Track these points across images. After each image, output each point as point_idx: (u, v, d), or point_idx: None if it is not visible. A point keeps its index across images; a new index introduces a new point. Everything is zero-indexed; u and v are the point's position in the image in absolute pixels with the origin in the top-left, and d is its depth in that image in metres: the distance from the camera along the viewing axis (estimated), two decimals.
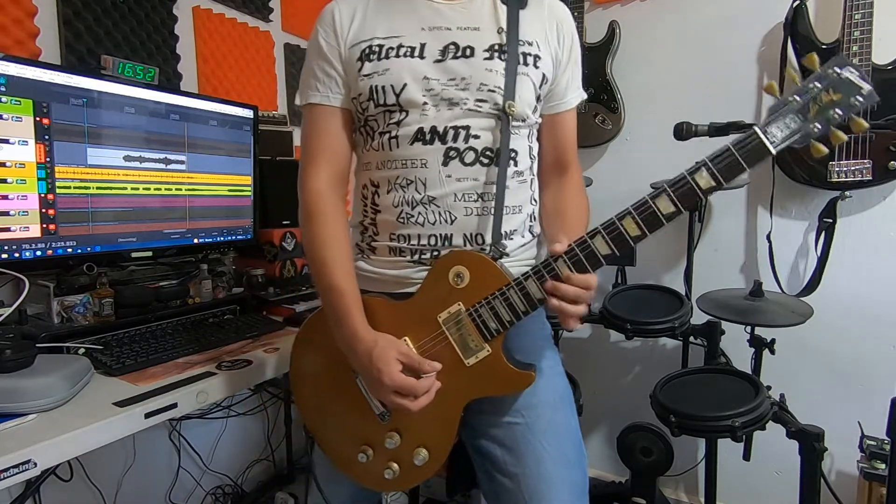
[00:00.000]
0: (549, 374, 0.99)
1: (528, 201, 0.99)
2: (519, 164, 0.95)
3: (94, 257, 1.32)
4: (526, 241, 0.99)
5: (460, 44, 0.91)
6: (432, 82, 0.89)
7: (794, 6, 1.64)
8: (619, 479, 1.98)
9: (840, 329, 1.73)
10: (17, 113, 1.14)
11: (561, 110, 1.01)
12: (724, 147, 0.76)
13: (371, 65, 0.91)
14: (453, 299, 0.88)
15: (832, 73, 0.73)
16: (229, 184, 1.64)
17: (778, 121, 0.75)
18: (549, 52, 0.97)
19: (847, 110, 0.73)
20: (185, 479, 1.79)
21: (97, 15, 1.50)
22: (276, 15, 2.11)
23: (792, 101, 0.75)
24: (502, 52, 0.91)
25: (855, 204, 1.67)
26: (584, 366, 2.06)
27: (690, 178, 0.77)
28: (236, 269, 1.72)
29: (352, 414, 0.97)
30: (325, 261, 0.91)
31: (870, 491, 1.49)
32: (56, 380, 0.94)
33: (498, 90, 0.90)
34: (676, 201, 0.78)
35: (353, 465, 0.98)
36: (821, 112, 0.74)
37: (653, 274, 1.99)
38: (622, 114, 1.93)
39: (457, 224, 0.92)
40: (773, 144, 0.75)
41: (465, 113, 0.90)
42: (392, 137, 0.92)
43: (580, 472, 0.96)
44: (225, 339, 1.31)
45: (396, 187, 0.93)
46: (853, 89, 0.72)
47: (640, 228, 0.80)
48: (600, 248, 0.82)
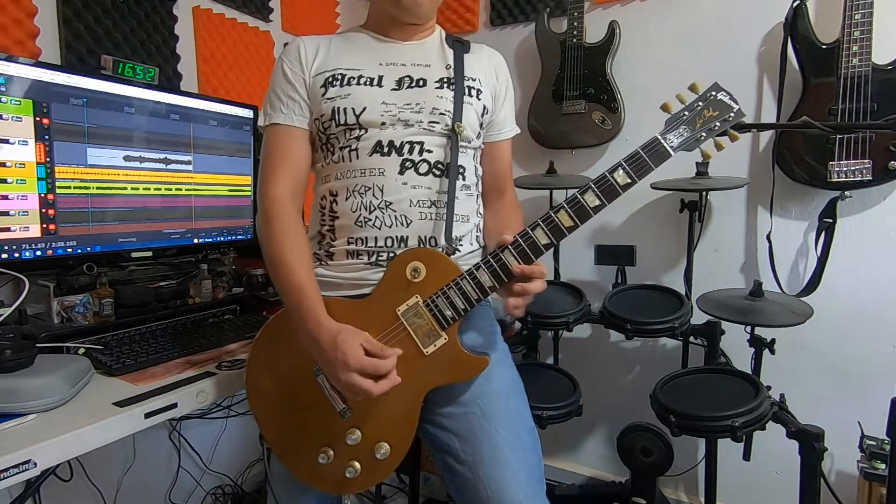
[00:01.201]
0: (499, 364, 1.04)
1: (475, 213, 1.10)
2: (467, 178, 1.06)
3: (94, 257, 1.32)
4: (473, 248, 1.08)
5: (414, 76, 1.04)
6: (390, 106, 1.00)
7: (794, 6, 1.64)
8: (619, 479, 1.98)
9: (840, 329, 1.73)
10: (17, 113, 1.15)
11: (499, 139, 1.15)
12: (634, 151, 0.93)
13: (334, 90, 1.01)
14: (411, 293, 0.95)
15: (710, 95, 0.95)
16: (229, 184, 1.64)
17: (674, 130, 0.94)
18: (490, 89, 1.10)
19: (724, 124, 0.94)
20: (185, 479, 1.79)
21: (97, 15, 1.50)
22: (276, 15, 2.11)
23: (682, 115, 0.95)
24: (451, 84, 1.04)
25: (855, 204, 1.67)
26: (584, 366, 2.05)
27: (610, 176, 0.92)
28: (236, 269, 1.72)
29: (312, 415, 0.99)
30: (287, 261, 0.96)
31: (870, 491, 1.49)
32: (56, 380, 0.94)
33: (448, 113, 1.02)
34: (600, 195, 0.92)
35: (312, 471, 1.00)
36: (705, 124, 0.94)
37: (653, 274, 1.99)
38: (622, 114, 1.93)
39: (412, 227, 1.00)
40: (671, 148, 0.93)
41: (420, 131, 1.01)
42: (352, 150, 1.01)
43: (535, 457, 1.00)
44: (225, 339, 1.31)
45: (355, 194, 1.00)
46: (727, 108, 0.94)
47: (572, 220, 0.92)
48: (540, 238, 0.93)
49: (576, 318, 1.70)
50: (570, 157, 2.06)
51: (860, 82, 1.52)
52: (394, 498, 2.01)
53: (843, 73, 1.54)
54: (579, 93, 1.96)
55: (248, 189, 1.70)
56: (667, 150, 0.93)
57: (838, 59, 1.54)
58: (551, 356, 2.06)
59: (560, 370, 1.76)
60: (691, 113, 0.94)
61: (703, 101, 0.94)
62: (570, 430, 2.05)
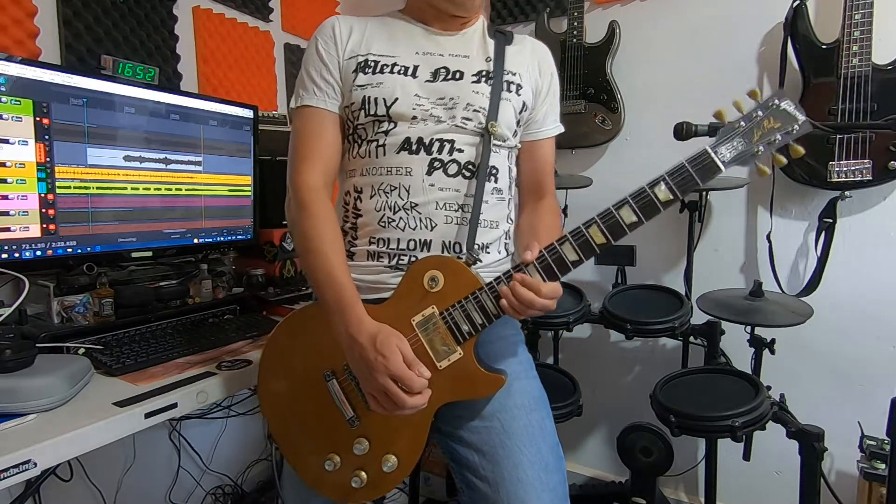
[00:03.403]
0: (522, 376, 1.00)
1: (505, 219, 1.04)
2: (499, 181, 1.01)
3: (94, 257, 1.32)
4: (501, 256, 1.03)
5: (451, 68, 0.98)
6: (422, 99, 0.96)
7: (794, 6, 1.64)
8: (619, 479, 1.98)
9: (840, 329, 1.73)
10: (17, 113, 1.14)
11: (538, 138, 1.08)
12: (679, 164, 0.83)
13: (366, 77, 0.96)
14: (427, 303, 0.90)
15: (773, 104, 0.83)
16: (229, 184, 1.64)
17: (727, 142, 0.83)
18: (531, 83, 1.04)
19: (786, 137, 0.82)
20: (185, 479, 1.79)
21: (97, 15, 1.50)
22: (276, 15, 2.11)
23: (739, 126, 0.83)
24: (489, 78, 0.99)
25: (855, 204, 1.67)
26: (584, 366, 2.05)
27: (650, 191, 0.83)
28: (236, 269, 1.72)
29: (320, 420, 0.97)
30: (325, 253, 0.92)
31: (870, 491, 1.49)
32: (56, 380, 0.94)
33: (482, 111, 0.97)
34: (638, 212, 0.83)
35: (318, 476, 0.98)
36: (763, 136, 0.82)
37: (653, 274, 1.99)
38: (622, 114, 1.93)
39: (437, 231, 0.95)
40: (722, 163, 0.82)
41: (451, 128, 0.96)
42: (379, 146, 0.97)
43: (559, 476, 0.95)
44: (225, 339, 1.31)
45: (380, 192, 0.96)
46: (790, 119, 0.82)
47: (604, 236, 0.84)
48: (568, 254, 0.86)
49: (576, 318, 1.69)
50: (570, 157, 2.06)
51: (860, 82, 1.52)
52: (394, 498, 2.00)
53: (843, 73, 1.54)
54: (579, 93, 1.96)
55: (247, 189, 1.70)
56: (717, 164, 0.82)
57: (838, 59, 1.54)
58: (551, 356, 2.06)
59: (560, 370, 1.76)
60: (749, 123, 0.83)
61: (764, 110, 0.83)
62: (570, 430, 2.05)
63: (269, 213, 1.76)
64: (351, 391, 0.95)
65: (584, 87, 1.95)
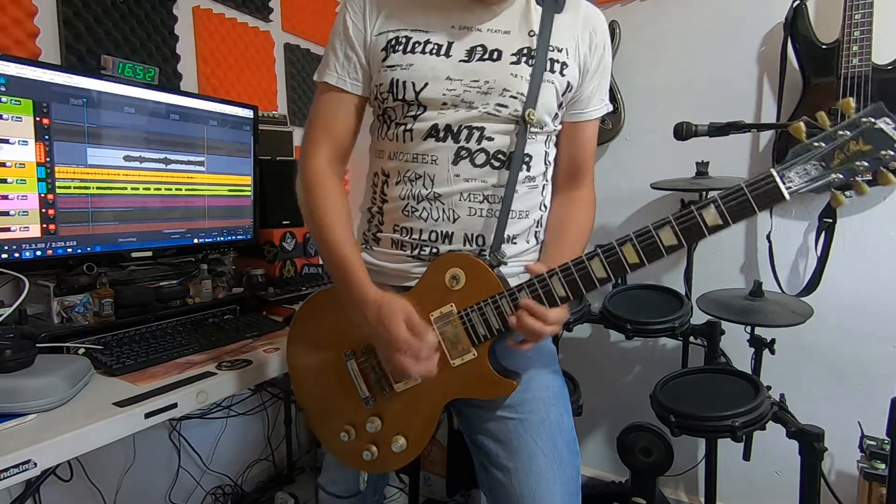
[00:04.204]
0: (543, 371, 1.00)
1: (538, 207, 0.99)
2: (532, 169, 0.95)
3: (94, 257, 1.32)
4: (530, 246, 1.00)
5: (488, 46, 0.90)
6: (454, 83, 0.89)
7: (794, 6, 1.64)
8: (619, 479, 1.98)
9: (840, 329, 1.72)
10: (17, 113, 1.15)
11: (581, 119, 1.00)
12: (736, 186, 0.72)
13: (396, 56, 0.91)
14: (447, 300, 0.90)
15: (866, 122, 0.68)
16: (229, 184, 1.64)
17: (798, 165, 0.70)
18: (578, 61, 0.95)
19: (875, 163, 0.68)
20: (185, 479, 1.79)
21: (97, 15, 1.50)
22: (276, 15, 2.11)
23: (816, 147, 0.70)
24: (530, 57, 0.90)
25: (855, 204, 1.67)
26: (584, 366, 2.05)
27: (698, 214, 0.74)
28: (236, 269, 1.72)
29: (339, 396, 1.01)
30: (333, 233, 0.94)
31: (870, 491, 1.49)
32: (56, 380, 0.94)
33: (520, 96, 0.90)
34: (680, 235, 0.75)
35: (334, 442, 1.03)
36: (846, 162, 0.68)
37: (653, 274, 1.98)
38: (622, 114, 1.93)
39: (459, 223, 0.93)
40: (788, 190, 0.70)
41: (483, 116, 0.90)
42: (407, 130, 0.93)
43: (573, 470, 0.96)
44: (225, 339, 1.32)
45: (405, 180, 0.95)
46: (887, 142, 0.67)
47: (638, 257, 0.78)
48: (597, 270, 0.81)
49: (576, 318, 1.69)
50: None
51: (860, 82, 1.52)
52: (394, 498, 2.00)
53: (843, 73, 1.54)
54: None
55: (248, 189, 1.70)
56: (781, 192, 0.70)
57: (838, 59, 1.54)
58: None
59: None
60: (831, 144, 0.69)
61: (853, 129, 0.68)
62: None
63: (269, 213, 1.76)
64: (368, 372, 0.98)
65: None
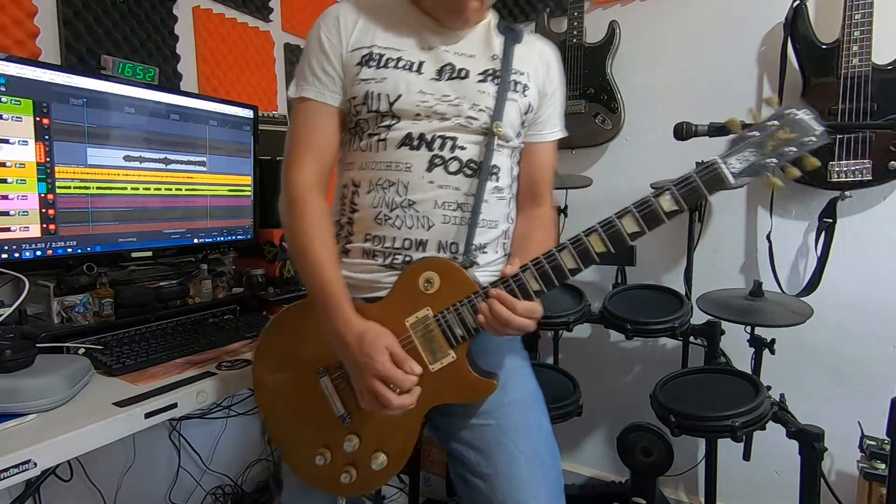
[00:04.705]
0: (518, 373, 1.00)
1: (505, 218, 1.02)
2: (500, 180, 0.99)
3: (94, 257, 1.31)
4: (499, 256, 1.01)
5: (456, 65, 0.96)
6: (427, 96, 0.93)
7: (794, 6, 1.64)
8: (619, 479, 1.98)
9: (840, 329, 1.73)
10: (17, 113, 1.14)
11: (537, 140, 1.06)
12: (687, 174, 0.81)
13: (370, 70, 0.94)
14: (422, 304, 0.90)
15: (789, 114, 0.79)
16: (229, 184, 1.64)
17: (738, 153, 0.80)
18: (537, 84, 1.02)
19: (801, 148, 0.78)
20: (185, 479, 1.79)
21: (97, 15, 1.50)
22: (276, 15, 2.11)
23: (751, 136, 0.80)
24: (495, 77, 0.97)
25: (855, 204, 1.67)
26: (584, 366, 2.05)
27: (655, 201, 0.82)
28: (236, 269, 1.72)
29: (312, 416, 0.97)
30: (314, 254, 0.92)
31: (870, 491, 1.49)
32: (56, 380, 0.94)
33: (487, 110, 0.95)
34: (641, 221, 0.82)
35: (309, 469, 0.99)
36: (777, 148, 0.79)
37: (653, 274, 1.99)
38: (622, 114, 1.93)
39: (433, 230, 0.94)
40: (732, 174, 0.79)
41: (455, 126, 0.94)
42: (380, 140, 0.95)
43: (555, 472, 0.96)
44: (225, 339, 1.31)
45: (377, 188, 0.95)
46: (808, 129, 0.78)
47: (605, 245, 0.84)
48: (567, 261, 0.85)
49: (576, 318, 1.69)
50: (570, 156, 2.06)
51: (860, 82, 1.52)
52: (394, 498, 2.01)
53: (843, 73, 1.54)
54: (579, 93, 1.96)
55: (248, 189, 1.70)
56: (726, 176, 0.79)
57: (838, 59, 1.54)
58: (551, 356, 2.06)
59: (560, 370, 1.76)
60: (763, 133, 0.79)
61: (780, 119, 0.79)
62: (570, 430, 2.05)
63: (269, 213, 1.75)
64: (343, 389, 0.95)
65: (584, 87, 1.95)
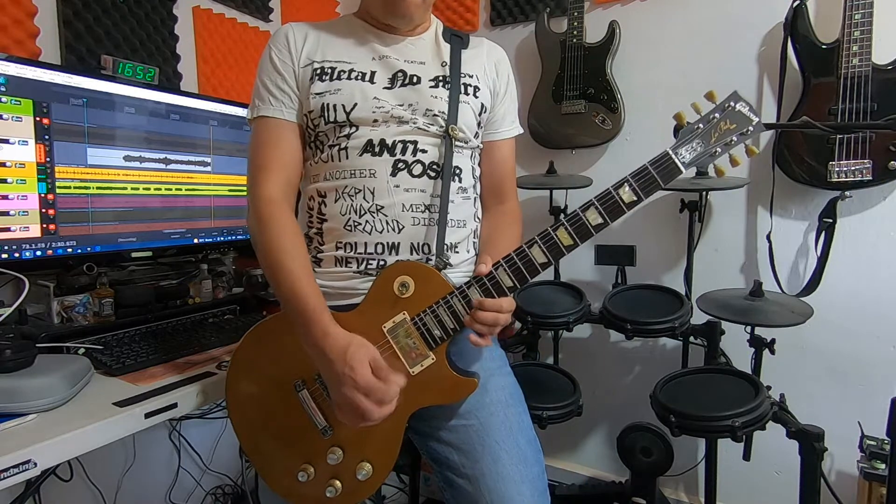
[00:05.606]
0: (497, 373, 1.01)
1: (472, 217, 1.05)
2: (463, 180, 1.01)
3: (94, 257, 1.31)
4: (470, 255, 1.03)
5: (408, 72, 0.99)
6: (382, 102, 0.96)
7: (794, 6, 1.64)
8: (619, 479, 1.98)
9: (840, 329, 1.73)
10: (17, 113, 1.15)
11: (496, 139, 1.09)
12: (642, 166, 0.87)
13: (323, 84, 0.96)
14: (398, 309, 0.90)
15: (728, 106, 0.86)
16: (229, 184, 1.64)
17: (686, 144, 0.87)
18: (488, 84, 1.05)
19: (741, 138, 0.86)
20: (185, 479, 1.79)
21: (97, 15, 1.50)
22: (276, 15, 2.11)
23: (697, 128, 0.87)
24: (446, 82, 0.99)
25: (855, 204, 1.67)
26: (584, 366, 2.06)
27: (615, 193, 0.87)
28: (236, 269, 1.72)
29: (292, 431, 0.96)
30: (287, 266, 0.90)
31: (870, 491, 1.49)
32: (56, 380, 0.94)
33: (442, 115, 0.97)
34: (603, 213, 0.87)
35: (292, 487, 0.96)
36: (721, 138, 0.86)
37: (653, 274, 1.99)
38: (622, 114, 1.93)
39: (404, 233, 0.95)
40: (683, 164, 0.87)
41: (414, 130, 0.97)
42: (342, 149, 0.96)
43: (538, 468, 0.96)
44: (225, 339, 1.31)
45: (344, 196, 0.96)
46: (745, 120, 0.86)
47: (571, 238, 0.87)
48: (537, 256, 0.88)
49: (576, 318, 1.70)
50: (570, 156, 2.06)
51: (860, 82, 1.52)
52: (394, 498, 2.01)
53: (843, 73, 1.54)
54: (579, 93, 1.96)
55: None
56: (677, 166, 0.86)
57: (838, 59, 1.54)
58: (551, 356, 2.06)
59: (560, 370, 1.76)
60: (707, 125, 0.87)
61: (721, 112, 0.87)
62: (570, 430, 2.05)
63: None
64: (323, 400, 0.94)
65: (584, 87, 1.95)
